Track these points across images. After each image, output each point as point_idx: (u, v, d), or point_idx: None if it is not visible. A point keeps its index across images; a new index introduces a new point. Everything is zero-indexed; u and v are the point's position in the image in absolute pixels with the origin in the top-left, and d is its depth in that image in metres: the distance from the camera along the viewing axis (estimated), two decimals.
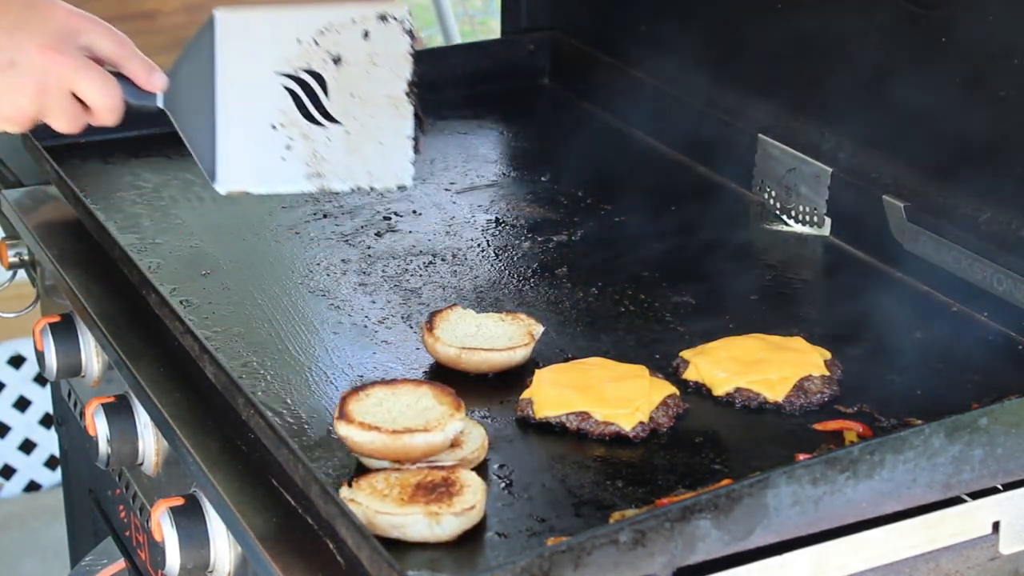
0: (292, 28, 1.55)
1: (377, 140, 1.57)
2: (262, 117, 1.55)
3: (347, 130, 1.56)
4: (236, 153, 1.55)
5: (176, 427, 1.53)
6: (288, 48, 1.55)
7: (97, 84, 1.50)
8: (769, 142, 2.01)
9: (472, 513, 1.35)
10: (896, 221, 1.82)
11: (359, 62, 1.56)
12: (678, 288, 1.82)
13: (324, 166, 1.56)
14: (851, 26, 1.92)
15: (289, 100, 1.55)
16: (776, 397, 1.57)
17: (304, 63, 1.55)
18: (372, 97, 1.56)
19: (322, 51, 1.55)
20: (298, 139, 1.56)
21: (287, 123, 1.56)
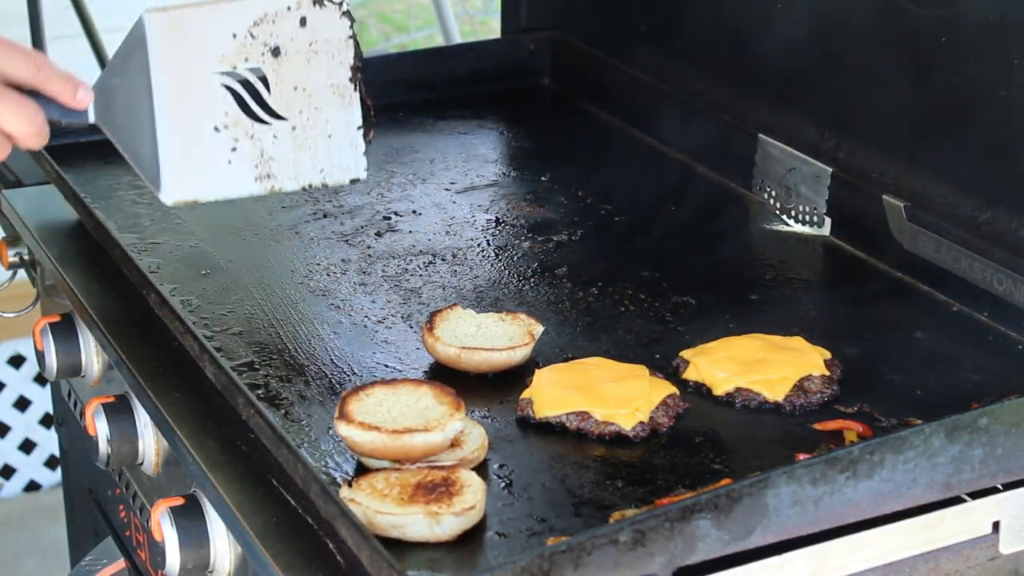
0: (226, 22, 1.49)
1: (325, 133, 1.52)
2: (204, 120, 1.49)
3: (293, 125, 1.51)
4: (179, 160, 1.48)
5: (176, 427, 1.53)
6: (224, 44, 1.49)
7: (13, 112, 1.42)
8: (769, 142, 2.01)
9: (472, 513, 1.35)
10: (896, 221, 1.82)
11: (299, 52, 1.50)
12: (678, 288, 1.82)
13: (273, 166, 1.51)
14: (851, 25, 1.92)
15: (230, 99, 1.49)
16: (776, 397, 1.57)
17: (242, 59, 1.49)
18: (316, 88, 1.51)
19: (259, 44, 1.49)
20: (243, 140, 1.50)
21: (230, 124, 1.50)
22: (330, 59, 1.51)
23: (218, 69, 1.48)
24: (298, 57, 1.50)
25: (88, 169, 2.05)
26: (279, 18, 1.49)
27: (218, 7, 1.49)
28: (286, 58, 1.49)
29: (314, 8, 1.50)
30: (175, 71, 1.47)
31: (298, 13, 1.49)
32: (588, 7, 2.41)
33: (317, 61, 1.50)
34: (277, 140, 1.50)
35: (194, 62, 1.48)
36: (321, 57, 1.50)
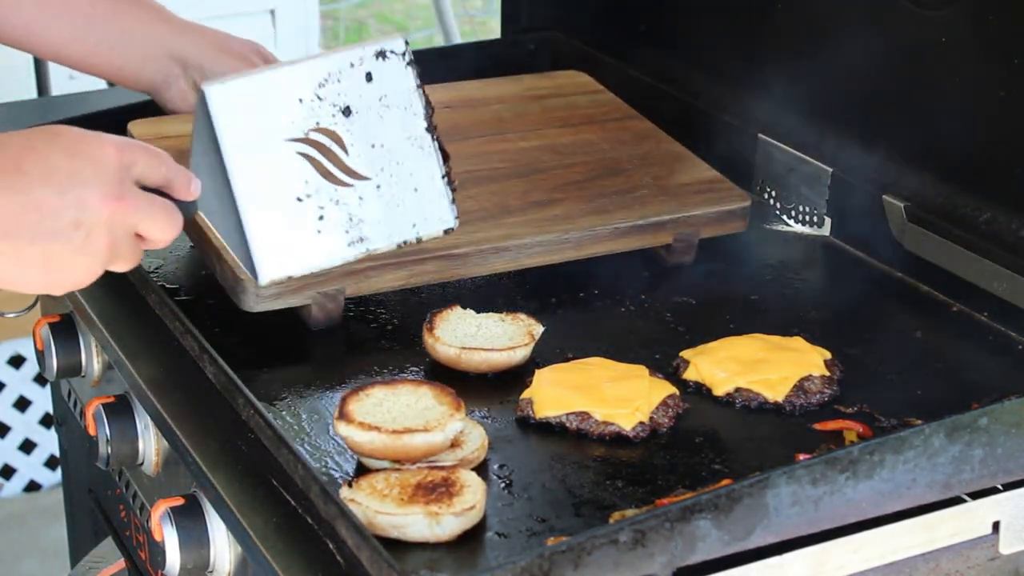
0: (290, 87, 1.44)
1: (411, 187, 1.47)
2: (284, 192, 1.43)
3: (377, 184, 1.46)
4: (268, 239, 1.42)
5: (176, 427, 1.53)
6: (292, 110, 1.43)
7: (162, 220, 1.37)
8: (769, 142, 2.01)
9: (472, 513, 1.35)
10: (896, 221, 1.82)
11: (370, 108, 1.46)
12: (678, 288, 1.82)
13: (364, 228, 1.46)
14: (851, 26, 1.92)
15: (308, 167, 1.44)
16: (776, 397, 1.57)
17: (313, 122, 1.44)
18: (394, 142, 1.47)
19: (328, 105, 1.44)
20: (329, 207, 1.44)
21: (312, 192, 1.44)
22: (402, 111, 1.47)
23: (290, 136, 1.43)
24: (370, 113, 1.46)
25: None
26: (344, 76, 1.45)
27: (279, 71, 1.44)
28: (358, 116, 1.45)
29: (377, 61, 1.46)
30: (246, 145, 1.42)
31: (362, 69, 1.45)
32: (588, 7, 2.41)
33: (390, 115, 1.47)
34: (364, 201, 1.46)
35: (264, 132, 1.42)
36: (393, 111, 1.47)
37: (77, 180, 1.31)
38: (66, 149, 1.32)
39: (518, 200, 1.85)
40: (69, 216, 1.30)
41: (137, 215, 1.34)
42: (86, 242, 1.32)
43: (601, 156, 1.96)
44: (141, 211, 1.34)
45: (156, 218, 1.36)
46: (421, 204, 1.47)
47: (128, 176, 1.34)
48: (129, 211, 1.33)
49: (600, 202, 1.85)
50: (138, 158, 1.35)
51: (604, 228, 1.81)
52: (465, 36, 5.67)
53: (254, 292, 1.63)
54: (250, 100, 1.41)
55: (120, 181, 1.33)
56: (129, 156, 1.34)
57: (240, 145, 1.40)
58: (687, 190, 1.89)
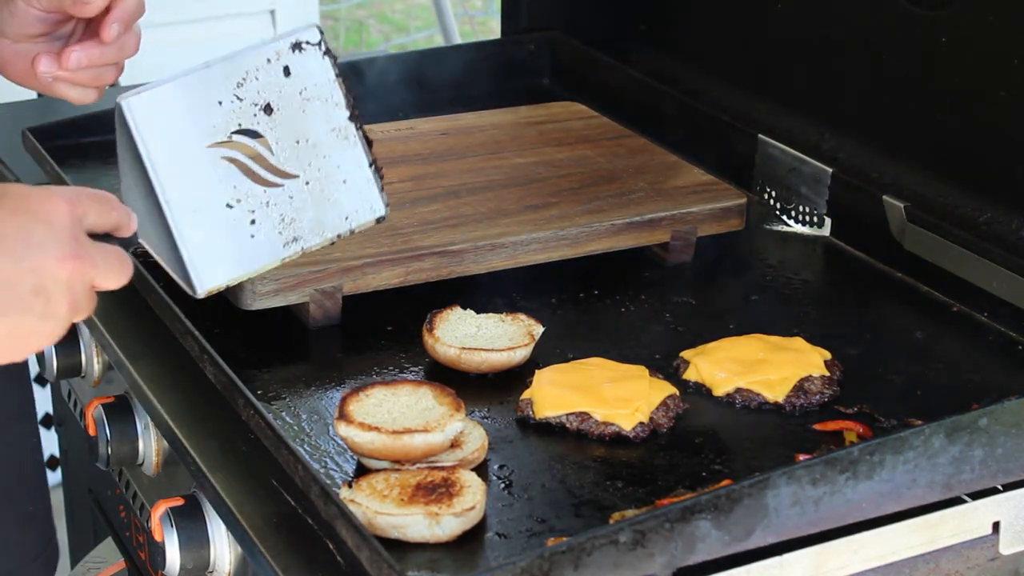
0: (208, 91, 1.38)
1: (339, 179, 1.44)
2: (213, 200, 1.39)
3: (306, 180, 1.43)
4: (200, 250, 1.38)
5: (176, 427, 1.53)
6: (212, 114, 1.38)
7: (117, 269, 1.29)
8: (769, 142, 2.01)
9: (472, 514, 1.35)
10: (896, 221, 1.82)
11: (291, 103, 1.42)
12: (678, 288, 1.82)
13: (298, 227, 1.42)
14: (851, 26, 1.92)
15: (235, 171, 1.39)
16: (776, 397, 1.57)
17: (235, 124, 1.39)
18: (318, 136, 1.43)
19: (248, 105, 1.40)
20: (260, 210, 1.41)
21: (242, 197, 1.40)
22: (324, 103, 1.43)
23: (213, 142, 1.38)
24: (292, 109, 1.42)
25: (88, 169, 2.05)
26: (261, 73, 1.40)
27: (195, 76, 1.38)
28: (280, 113, 1.41)
29: (294, 54, 1.42)
30: (170, 156, 1.36)
31: (279, 64, 1.41)
32: (588, 7, 2.41)
33: (311, 108, 1.43)
34: (294, 200, 1.42)
35: (187, 141, 1.37)
36: (315, 103, 1.43)
37: (31, 245, 1.22)
38: (13, 211, 1.23)
39: (514, 204, 1.85)
40: (28, 284, 1.22)
41: (95, 270, 1.26)
42: (47, 308, 1.24)
43: (596, 167, 1.97)
44: (98, 265, 1.26)
45: (111, 268, 1.28)
46: (351, 195, 1.45)
47: (80, 230, 1.26)
48: (87, 267, 1.25)
49: (596, 203, 1.86)
50: (88, 208, 1.27)
51: (601, 225, 1.81)
52: (465, 36, 5.67)
53: (251, 290, 1.64)
54: (169, 109, 1.36)
55: (74, 238, 1.25)
56: (80, 208, 1.26)
57: (163, 157, 1.36)
58: (682, 191, 1.90)
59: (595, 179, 1.94)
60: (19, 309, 1.22)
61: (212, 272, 1.39)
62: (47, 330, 1.25)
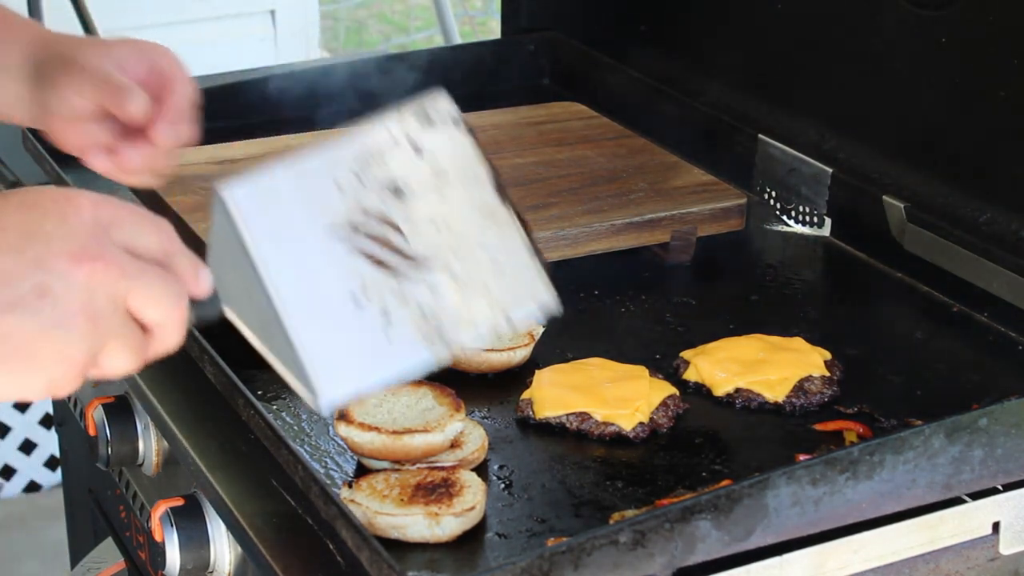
0: (324, 175, 1.18)
1: (491, 267, 1.21)
2: (337, 298, 1.16)
3: (449, 270, 1.20)
4: (325, 353, 1.15)
5: (176, 427, 1.53)
6: (331, 201, 1.17)
7: (160, 291, 1.05)
8: (769, 142, 2.01)
9: (472, 514, 1.35)
10: (896, 221, 1.82)
11: (424, 183, 1.20)
12: (678, 288, 1.82)
13: (443, 324, 1.18)
14: (851, 26, 1.92)
15: (362, 261, 1.17)
16: (776, 397, 1.57)
17: (358, 211, 1.18)
18: (460, 217, 1.21)
19: (373, 188, 1.19)
20: (394, 305, 1.17)
21: (372, 292, 1.17)
22: (463, 180, 1.22)
23: (333, 231, 1.17)
24: (426, 190, 1.20)
25: (88, 169, 2.04)
26: (387, 152, 1.20)
27: (307, 159, 1.18)
28: (412, 195, 1.20)
29: (423, 128, 1.22)
30: (282, 251, 1.15)
31: (407, 142, 1.21)
32: (588, 7, 2.41)
33: (450, 188, 1.21)
34: (436, 292, 1.19)
35: (301, 230, 1.16)
36: (453, 182, 1.21)
37: (35, 236, 1.02)
38: (20, 204, 1.04)
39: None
40: (29, 281, 1.00)
41: (125, 280, 1.03)
42: (55, 313, 1.01)
43: (596, 167, 1.97)
44: (130, 276, 1.04)
45: (152, 288, 1.05)
46: (506, 285, 1.21)
47: (107, 236, 1.05)
48: (114, 275, 1.03)
49: (596, 203, 1.86)
50: (123, 218, 1.06)
51: (601, 225, 1.81)
52: (465, 36, 5.67)
53: None
54: (280, 198, 1.16)
55: (95, 238, 1.04)
56: (110, 213, 1.06)
57: (273, 249, 1.15)
58: (682, 191, 1.90)
59: (595, 179, 1.94)
60: (18, 310, 1.01)
61: (339, 379, 1.16)
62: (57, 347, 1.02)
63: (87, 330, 1.02)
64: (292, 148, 1.92)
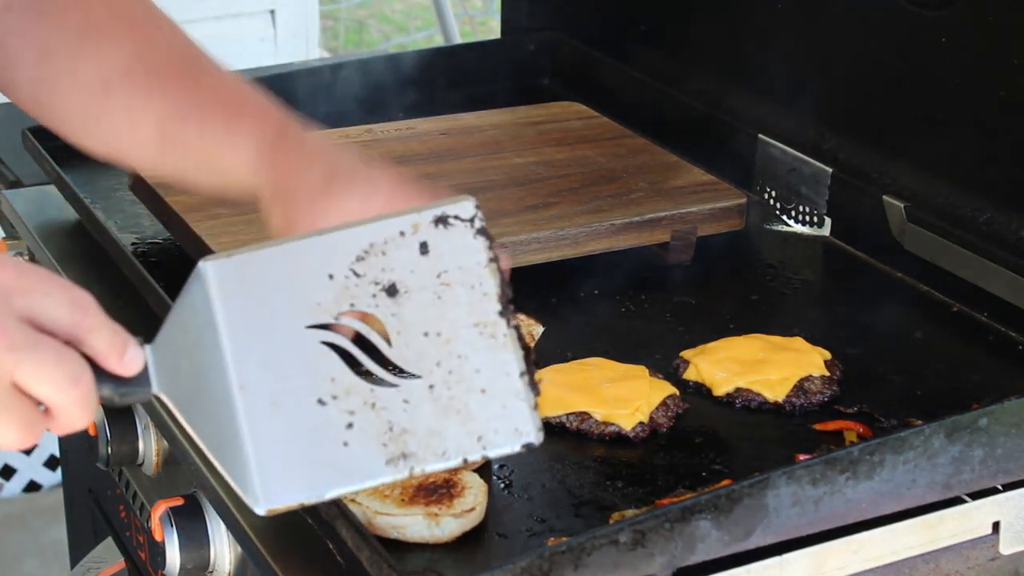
0: (317, 262, 1.10)
1: (477, 388, 1.11)
2: (303, 393, 1.08)
3: (430, 383, 1.10)
4: (276, 454, 1.07)
5: (176, 427, 1.53)
6: (317, 289, 1.10)
7: (52, 368, 0.98)
8: (769, 142, 2.01)
9: (472, 515, 1.35)
10: (896, 221, 1.82)
11: (424, 287, 1.11)
12: (678, 288, 1.82)
13: (409, 441, 1.09)
14: (851, 26, 1.92)
15: (335, 359, 1.09)
16: (776, 397, 1.57)
17: (345, 304, 1.10)
18: (454, 330, 1.11)
19: (367, 283, 1.11)
20: (362, 412, 1.09)
21: (340, 393, 1.09)
22: (468, 291, 1.12)
23: (314, 322, 1.09)
24: (424, 294, 1.11)
25: (88, 169, 2.04)
26: (390, 247, 1.11)
27: (303, 243, 1.11)
28: (407, 297, 1.11)
29: (437, 229, 1.12)
30: (255, 333, 1.08)
31: (415, 239, 1.12)
32: (588, 7, 2.41)
33: (451, 295, 1.12)
34: (410, 405, 1.10)
35: (280, 317, 1.09)
36: (456, 290, 1.12)
37: None
38: None
39: (513, 205, 1.85)
40: None
41: (11, 354, 0.96)
42: None
43: (596, 167, 1.97)
44: (18, 349, 0.97)
45: (43, 364, 0.98)
46: (489, 410, 1.11)
47: (5, 304, 0.98)
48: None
49: (596, 203, 1.86)
50: (30, 286, 0.99)
51: (600, 224, 1.81)
52: (465, 36, 5.67)
53: None
54: (264, 278, 1.10)
55: None
56: (12, 279, 0.99)
57: (246, 333, 1.08)
58: (682, 191, 1.90)
59: (595, 179, 1.94)
60: None
61: (284, 485, 1.08)
62: None
63: None
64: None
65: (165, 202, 1.83)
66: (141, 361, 1.06)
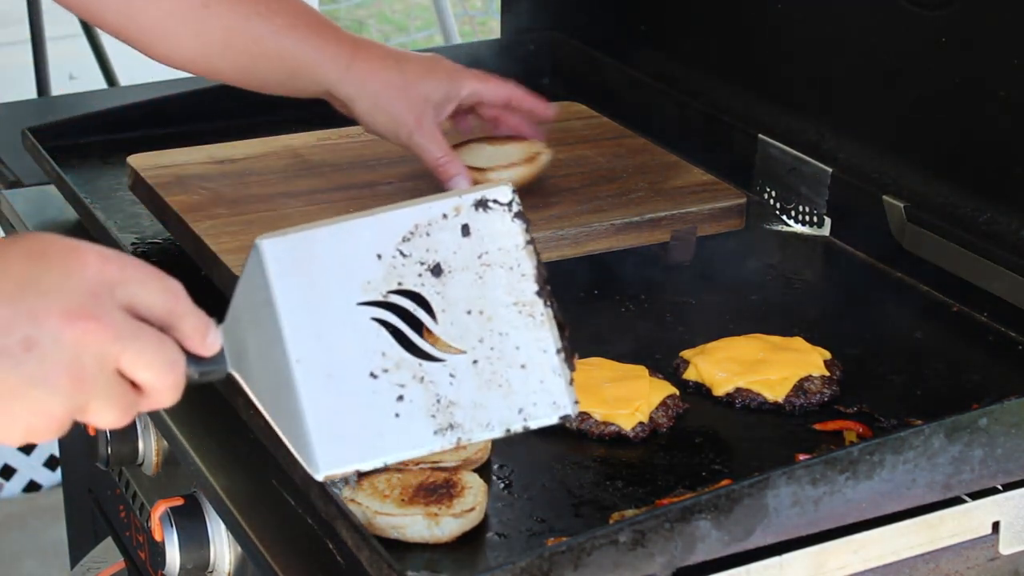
0: (366, 242, 1.16)
1: (517, 363, 1.18)
2: (355, 366, 1.15)
3: (474, 359, 1.17)
4: (329, 424, 1.14)
5: (176, 427, 1.53)
6: (367, 268, 1.16)
7: (152, 355, 1.05)
8: (769, 142, 2.01)
9: (472, 515, 1.35)
10: (896, 221, 1.82)
11: (467, 267, 1.18)
12: (678, 288, 1.82)
13: (456, 412, 1.16)
14: (851, 26, 1.92)
15: (386, 335, 1.16)
16: (776, 397, 1.57)
17: (393, 283, 1.16)
18: (495, 308, 1.18)
19: (413, 263, 1.17)
20: (411, 385, 1.16)
21: (391, 367, 1.15)
22: (507, 272, 1.19)
23: (364, 299, 1.16)
24: (466, 274, 1.18)
25: (88, 169, 2.05)
26: (434, 229, 1.17)
27: (352, 223, 1.17)
28: (451, 276, 1.17)
29: (477, 212, 1.18)
30: (309, 309, 1.14)
31: (457, 221, 1.18)
32: (588, 7, 2.41)
33: (492, 276, 1.18)
34: (456, 380, 1.16)
35: (331, 295, 1.15)
36: (496, 271, 1.18)
37: (34, 288, 1.01)
38: (28, 253, 1.03)
39: None
40: (19, 333, 1.00)
41: (118, 343, 1.03)
42: (39, 370, 1.00)
43: (596, 167, 1.97)
44: (124, 339, 1.03)
45: (145, 352, 1.04)
46: (529, 384, 1.18)
47: (110, 295, 1.04)
48: (105, 337, 1.02)
49: (596, 203, 1.86)
50: (130, 277, 1.05)
51: (600, 224, 1.81)
52: (465, 36, 5.68)
53: None
54: (316, 257, 1.16)
55: (95, 296, 1.03)
56: (116, 271, 1.05)
57: (300, 310, 1.14)
58: (682, 191, 1.90)
59: (595, 179, 1.94)
60: (4, 359, 1.01)
61: (340, 452, 1.14)
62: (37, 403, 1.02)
63: (69, 388, 1.02)
64: (293, 148, 1.93)
65: (165, 202, 1.83)
66: (220, 342, 1.12)
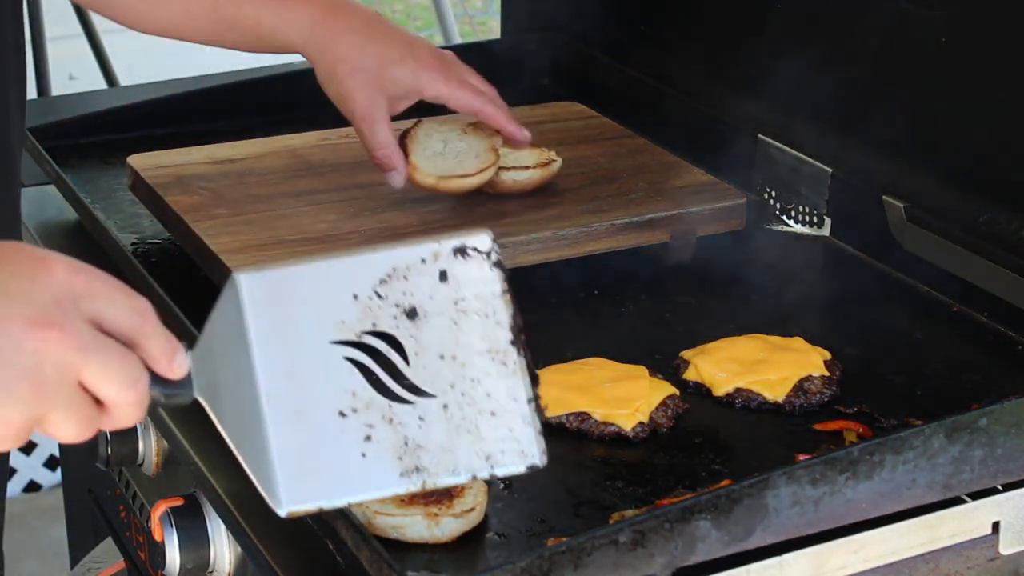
0: (344, 282, 1.17)
1: (487, 410, 1.18)
2: (324, 404, 1.15)
3: (444, 403, 1.17)
4: (298, 460, 1.14)
5: (176, 427, 1.53)
6: (343, 308, 1.16)
7: (115, 370, 1.03)
8: (769, 142, 2.01)
9: (472, 515, 1.35)
10: (896, 221, 1.82)
11: (442, 312, 1.18)
12: (678, 288, 1.82)
13: (423, 456, 1.16)
14: (851, 26, 1.92)
15: (357, 375, 1.16)
16: (776, 397, 1.57)
17: (368, 324, 1.17)
18: (468, 355, 1.18)
19: (389, 305, 1.17)
20: (380, 426, 1.16)
21: (360, 407, 1.16)
22: (482, 319, 1.19)
23: (337, 338, 1.16)
24: (441, 319, 1.18)
25: (88, 169, 2.05)
26: (412, 273, 1.18)
27: (330, 263, 1.18)
28: (426, 320, 1.18)
29: (456, 259, 1.18)
30: (282, 344, 1.15)
31: (435, 266, 1.18)
32: (588, 7, 2.41)
33: (467, 322, 1.19)
34: (425, 423, 1.16)
35: (305, 332, 1.16)
36: (471, 318, 1.19)
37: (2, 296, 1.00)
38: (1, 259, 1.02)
39: (514, 205, 1.85)
40: None
41: (80, 354, 1.01)
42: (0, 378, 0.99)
43: (596, 167, 1.97)
44: (87, 350, 1.02)
45: (108, 366, 1.03)
46: (498, 432, 1.18)
47: (75, 306, 1.03)
48: (67, 345, 1.01)
49: (596, 203, 1.86)
50: (97, 290, 1.04)
51: (601, 225, 1.81)
52: (465, 36, 5.68)
53: None
54: (292, 294, 1.16)
55: (59, 305, 1.02)
56: (83, 283, 1.04)
57: (274, 345, 1.15)
58: (682, 191, 1.90)
59: (595, 179, 1.94)
60: None
61: (305, 489, 1.15)
62: None
63: (28, 396, 1.00)
64: (293, 148, 1.93)
65: (165, 202, 1.83)
66: (187, 366, 1.11)
